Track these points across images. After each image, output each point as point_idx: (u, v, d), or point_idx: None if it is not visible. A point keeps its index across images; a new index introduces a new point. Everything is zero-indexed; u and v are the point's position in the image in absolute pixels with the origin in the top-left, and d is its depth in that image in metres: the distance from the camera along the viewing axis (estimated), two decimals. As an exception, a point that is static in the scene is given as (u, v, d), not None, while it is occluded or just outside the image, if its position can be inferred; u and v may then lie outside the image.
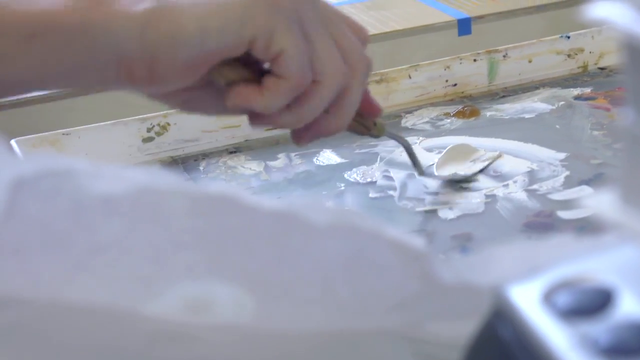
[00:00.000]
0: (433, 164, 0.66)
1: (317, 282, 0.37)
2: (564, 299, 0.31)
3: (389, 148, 0.69)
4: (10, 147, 0.36)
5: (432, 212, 0.60)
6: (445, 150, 0.67)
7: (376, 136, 0.59)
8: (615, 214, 0.30)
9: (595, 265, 0.31)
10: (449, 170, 0.65)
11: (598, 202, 0.31)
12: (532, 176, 0.63)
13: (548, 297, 0.31)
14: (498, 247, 0.37)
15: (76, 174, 0.35)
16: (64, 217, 0.36)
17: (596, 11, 0.29)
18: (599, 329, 0.29)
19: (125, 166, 0.36)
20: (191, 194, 0.36)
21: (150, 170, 0.36)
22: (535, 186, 0.62)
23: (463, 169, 0.65)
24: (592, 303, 0.30)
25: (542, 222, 0.58)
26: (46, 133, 0.69)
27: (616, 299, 0.30)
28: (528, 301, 0.31)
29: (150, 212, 0.36)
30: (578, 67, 0.80)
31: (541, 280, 0.31)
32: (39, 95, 0.78)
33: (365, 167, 0.67)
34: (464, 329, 0.35)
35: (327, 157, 0.69)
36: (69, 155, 0.68)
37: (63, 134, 0.69)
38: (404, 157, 0.67)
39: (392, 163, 0.67)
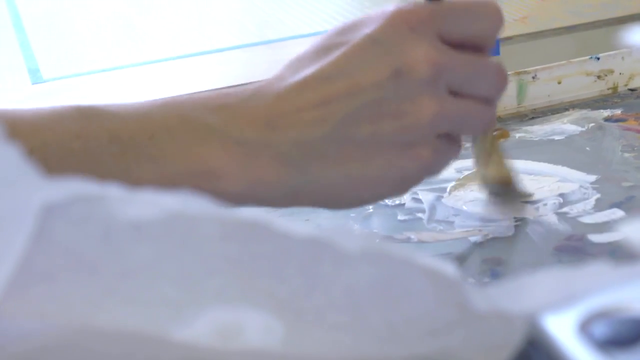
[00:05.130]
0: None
1: (348, 308, 0.37)
2: (600, 329, 0.30)
3: (417, 170, 0.68)
4: (34, 168, 0.36)
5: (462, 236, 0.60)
6: (469, 173, 0.67)
7: None
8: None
9: (632, 294, 0.31)
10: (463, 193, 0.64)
11: (631, 228, 0.31)
12: (563, 199, 0.63)
13: (584, 327, 0.31)
14: (532, 274, 0.36)
15: (107, 199, 0.35)
16: (94, 243, 0.36)
17: (633, 37, 0.29)
18: (637, 359, 0.29)
19: (156, 191, 0.36)
20: (223, 220, 0.36)
21: (182, 195, 0.35)
22: (565, 209, 0.62)
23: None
24: (629, 333, 0.30)
25: (573, 246, 0.58)
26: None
27: (654, 330, 0.30)
28: (564, 331, 0.31)
29: (181, 238, 0.36)
30: (608, 89, 0.79)
31: (577, 310, 0.31)
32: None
33: (393, 189, 0.66)
34: (498, 357, 0.35)
35: (355, 178, 0.68)
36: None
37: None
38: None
39: (421, 184, 0.66)
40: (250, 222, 0.35)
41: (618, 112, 0.75)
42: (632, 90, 0.79)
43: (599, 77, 0.79)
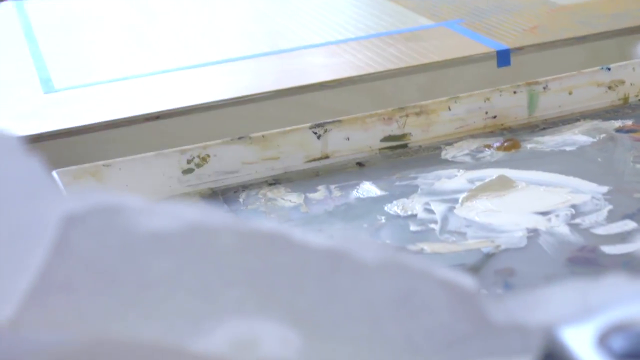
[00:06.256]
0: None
1: (366, 320, 0.37)
2: (619, 343, 0.30)
3: (429, 180, 0.69)
4: (53, 179, 0.36)
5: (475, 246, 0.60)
6: (481, 184, 0.67)
7: None
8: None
9: (652, 307, 0.31)
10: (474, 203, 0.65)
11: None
12: (575, 210, 0.63)
13: (603, 340, 0.31)
14: (549, 287, 0.36)
15: (126, 210, 0.35)
16: (113, 254, 0.36)
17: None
18: (657, 373, 0.29)
19: (176, 202, 0.36)
20: (241, 231, 0.36)
21: (201, 206, 0.36)
22: (578, 220, 0.62)
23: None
24: (649, 346, 0.30)
25: (586, 257, 0.58)
26: (87, 164, 0.69)
27: (674, 343, 0.30)
28: (582, 344, 0.31)
29: (200, 249, 0.36)
30: (619, 99, 0.79)
31: (595, 323, 0.31)
32: (79, 127, 0.79)
33: (405, 199, 0.67)
34: (516, 370, 0.35)
35: (367, 189, 0.69)
36: (109, 187, 0.68)
37: (104, 166, 0.70)
38: (444, 187, 0.67)
39: (432, 195, 0.67)
40: (268, 234, 0.36)
41: (629, 123, 0.76)
42: (643, 101, 0.80)
43: (609, 87, 0.79)
